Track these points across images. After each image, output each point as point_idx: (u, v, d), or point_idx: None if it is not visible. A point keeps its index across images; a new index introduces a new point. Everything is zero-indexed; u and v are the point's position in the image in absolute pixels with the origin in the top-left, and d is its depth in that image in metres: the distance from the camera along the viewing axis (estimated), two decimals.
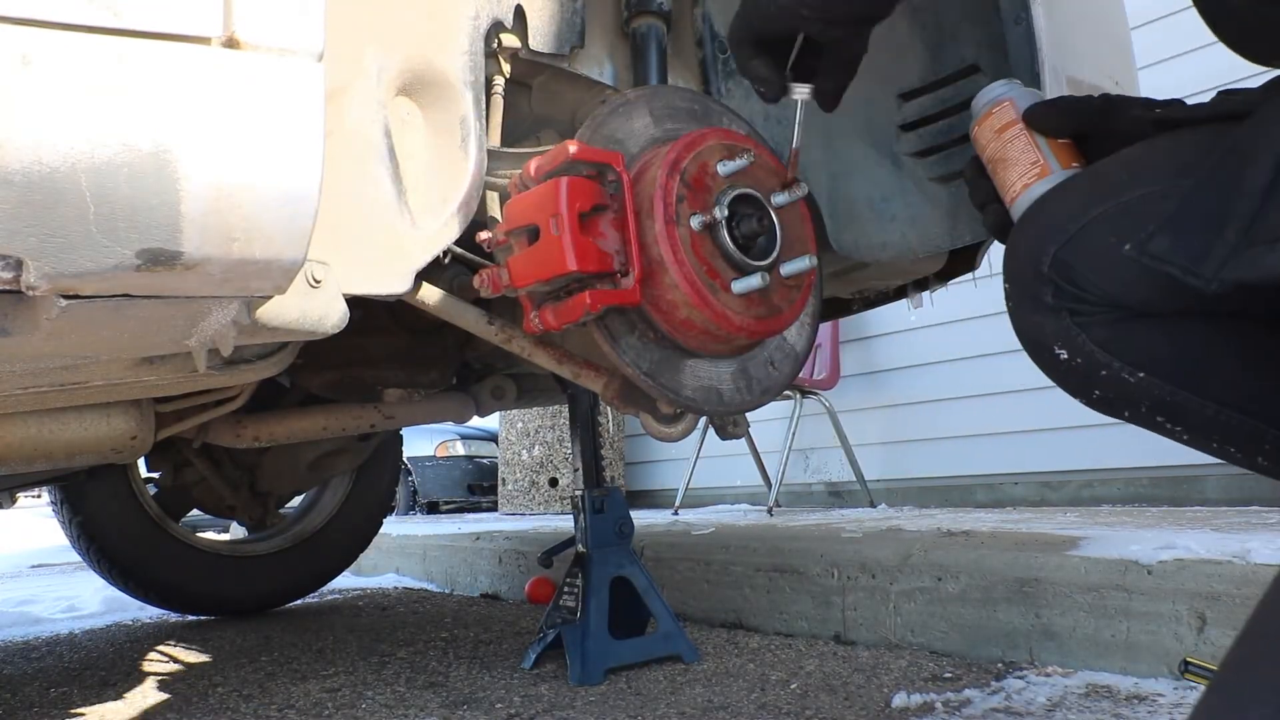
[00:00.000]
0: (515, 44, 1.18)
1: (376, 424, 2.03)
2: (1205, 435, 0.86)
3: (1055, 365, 0.86)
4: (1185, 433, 0.86)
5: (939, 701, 1.46)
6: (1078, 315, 0.83)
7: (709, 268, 1.04)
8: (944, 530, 2.26)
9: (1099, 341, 0.83)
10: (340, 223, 0.98)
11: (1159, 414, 0.85)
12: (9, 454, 1.41)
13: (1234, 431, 0.84)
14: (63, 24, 0.67)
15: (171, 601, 2.67)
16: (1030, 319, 0.86)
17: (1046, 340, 0.85)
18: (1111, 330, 0.83)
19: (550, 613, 1.87)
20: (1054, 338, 0.85)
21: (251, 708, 1.65)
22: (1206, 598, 1.50)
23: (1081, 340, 0.83)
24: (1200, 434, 0.86)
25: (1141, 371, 0.83)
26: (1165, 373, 0.83)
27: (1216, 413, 0.83)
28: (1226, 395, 0.82)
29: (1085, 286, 0.81)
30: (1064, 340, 0.84)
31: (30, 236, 0.69)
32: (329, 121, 0.84)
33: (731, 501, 4.97)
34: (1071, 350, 0.84)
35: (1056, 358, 0.85)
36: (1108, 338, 0.83)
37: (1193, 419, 0.85)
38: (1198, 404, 0.83)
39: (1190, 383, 0.83)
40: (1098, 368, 0.84)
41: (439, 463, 8.15)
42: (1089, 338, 0.83)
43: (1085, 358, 0.84)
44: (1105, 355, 0.83)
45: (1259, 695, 0.47)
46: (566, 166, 1.01)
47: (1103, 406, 0.88)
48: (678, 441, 1.29)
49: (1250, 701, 0.47)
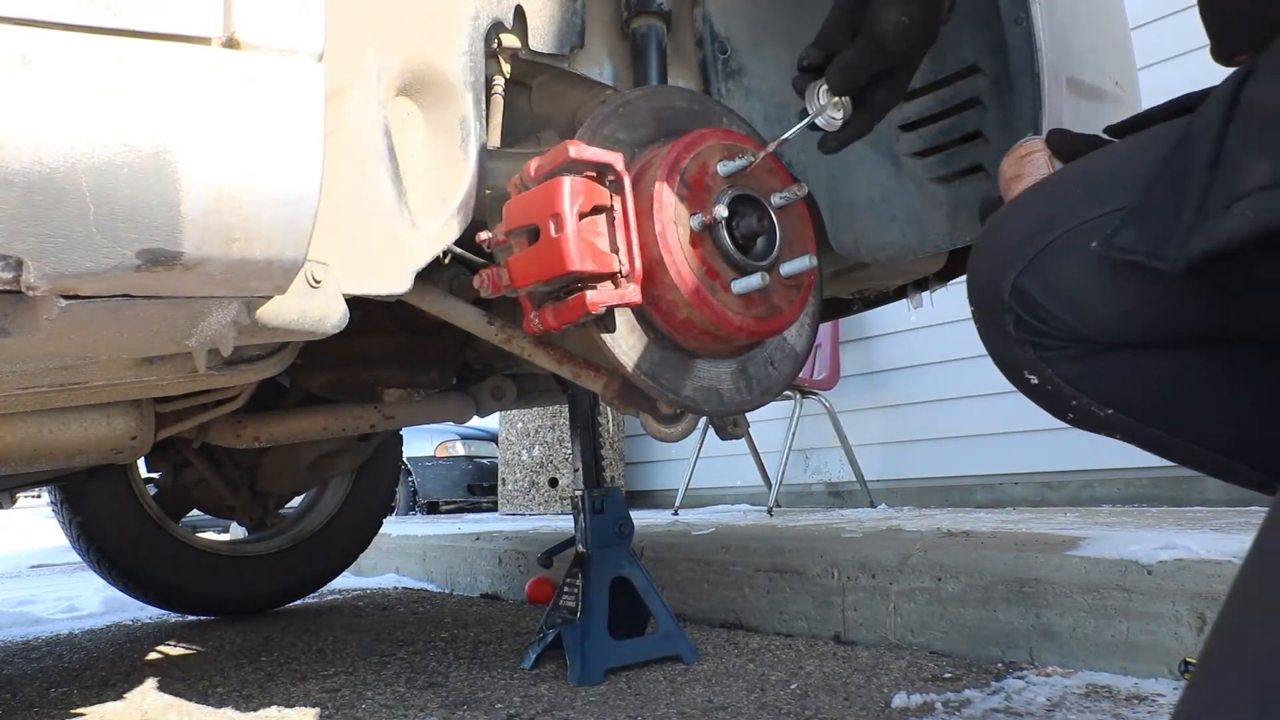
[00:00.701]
0: (515, 44, 1.18)
1: (376, 424, 2.03)
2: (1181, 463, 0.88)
3: (1028, 389, 0.87)
4: (1162, 455, 0.88)
5: (939, 702, 1.46)
6: (1042, 350, 0.83)
7: (709, 268, 1.04)
8: (944, 530, 2.26)
9: (1066, 379, 0.83)
10: (340, 223, 0.98)
11: (1134, 441, 0.87)
12: (9, 454, 1.41)
13: (1205, 463, 0.86)
14: (63, 24, 0.67)
15: (171, 602, 2.67)
16: (999, 344, 0.86)
17: (1017, 365, 0.86)
18: (1077, 367, 0.82)
19: (550, 613, 1.87)
20: (1023, 364, 0.85)
21: (251, 708, 1.65)
22: (1206, 598, 1.50)
23: (1049, 374, 0.84)
24: (1177, 458, 0.88)
25: (1109, 409, 0.83)
26: (1133, 410, 0.84)
27: (1186, 447, 0.85)
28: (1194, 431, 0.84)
29: (1046, 320, 0.81)
30: (1032, 368, 0.84)
31: (30, 237, 0.69)
32: (329, 122, 0.84)
33: (731, 502, 4.97)
34: (1041, 379, 0.84)
35: (1028, 382, 0.86)
36: (1074, 375, 0.83)
37: (1167, 450, 0.87)
38: (1168, 439, 0.85)
39: (1158, 419, 0.84)
40: (1067, 399, 0.85)
41: (439, 463, 8.15)
42: (1056, 373, 0.83)
43: (1054, 388, 0.84)
44: (1072, 389, 0.83)
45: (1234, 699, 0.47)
46: (566, 166, 1.01)
47: (1079, 426, 0.89)
48: (678, 441, 1.29)
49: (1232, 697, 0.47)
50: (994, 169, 1.48)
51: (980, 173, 1.43)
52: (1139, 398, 0.83)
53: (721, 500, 5.04)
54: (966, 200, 1.44)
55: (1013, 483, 4.00)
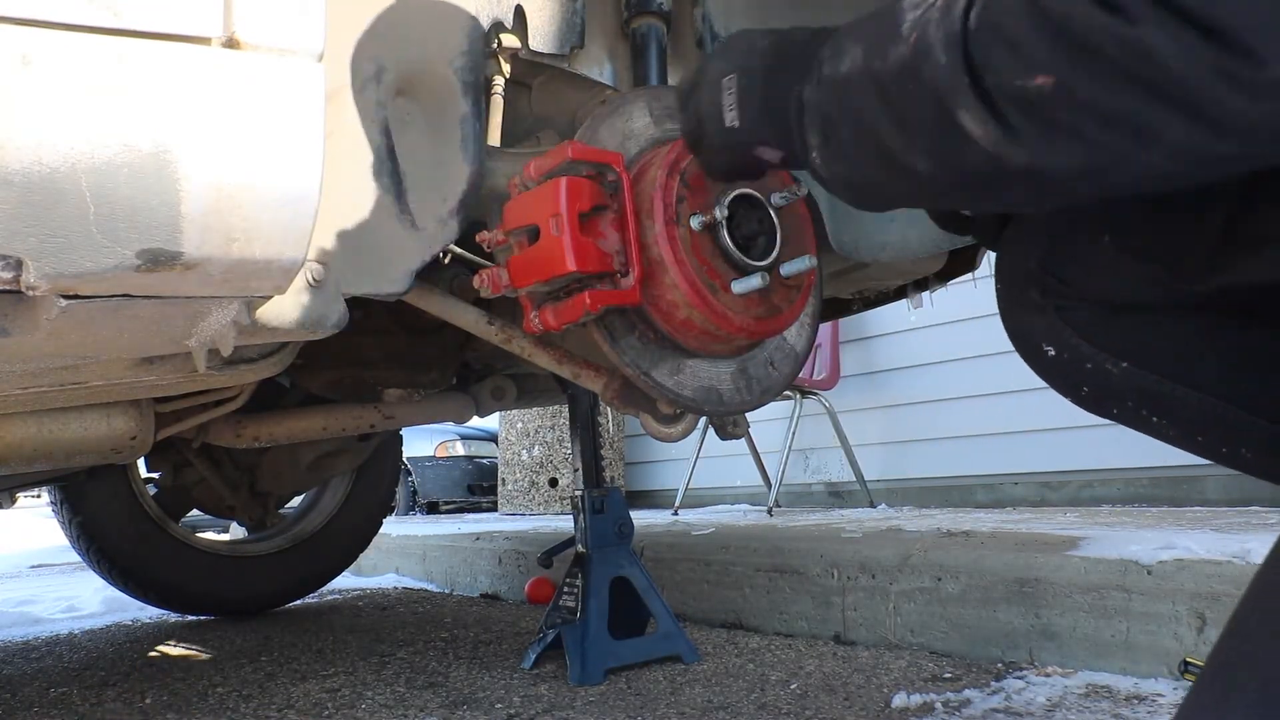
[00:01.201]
0: (515, 44, 1.18)
1: (376, 424, 2.03)
2: (1191, 428, 0.86)
3: (1043, 363, 0.87)
4: (1171, 427, 0.86)
5: (939, 702, 1.46)
6: (1063, 310, 0.83)
7: (709, 268, 1.03)
8: (944, 530, 2.26)
9: (1084, 332, 0.83)
10: (340, 223, 0.98)
11: (1145, 407, 0.85)
12: (9, 454, 1.41)
13: (1218, 422, 0.84)
14: (63, 24, 0.67)
15: (171, 602, 2.67)
16: (1020, 318, 0.87)
17: (1035, 339, 0.86)
18: (1099, 323, 0.83)
19: (550, 613, 1.87)
20: (1042, 335, 0.85)
21: (251, 708, 1.65)
22: (1206, 598, 1.50)
23: (1067, 334, 0.84)
24: (1186, 427, 0.86)
25: (1125, 361, 0.83)
26: (1150, 361, 0.83)
27: (1200, 402, 0.83)
28: (1212, 383, 0.82)
29: (1072, 282, 0.82)
30: (1051, 337, 0.85)
31: (30, 236, 0.69)
32: (329, 122, 0.84)
33: (731, 502, 4.97)
34: (1059, 346, 0.85)
35: (1045, 354, 0.86)
36: (1094, 330, 0.83)
37: (1178, 410, 0.85)
38: (1183, 393, 0.83)
39: (1175, 371, 0.83)
40: (1083, 360, 0.84)
41: (439, 463, 8.14)
42: (1074, 329, 0.83)
43: (1071, 351, 0.84)
44: (1090, 348, 0.83)
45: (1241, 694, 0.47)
46: (566, 167, 1.01)
47: (1091, 404, 0.88)
48: (678, 442, 1.29)
49: (1231, 701, 0.47)
50: None
51: None
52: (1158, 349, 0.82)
53: (721, 500, 5.03)
54: None
55: (1013, 483, 4.00)
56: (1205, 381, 0.82)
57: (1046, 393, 0.94)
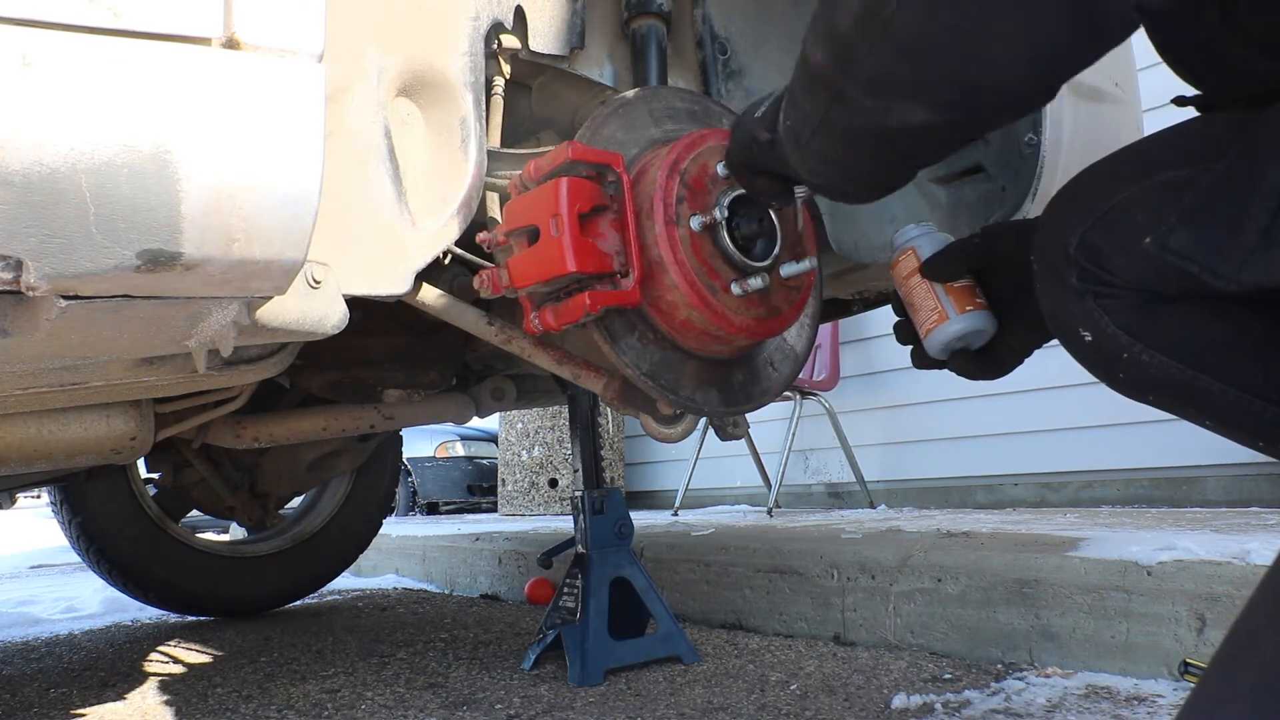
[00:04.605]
0: (515, 45, 1.18)
1: (376, 425, 2.03)
2: (1227, 421, 0.86)
3: (1080, 347, 0.87)
4: (1208, 419, 0.86)
5: (939, 703, 1.46)
6: (1102, 298, 0.83)
7: (709, 269, 1.04)
8: (944, 531, 2.26)
9: (1123, 324, 0.83)
10: (340, 223, 0.98)
11: (1181, 398, 0.86)
12: (9, 454, 1.41)
13: (1256, 417, 0.84)
14: (63, 24, 0.67)
15: (171, 602, 2.67)
16: (1056, 299, 0.87)
17: (1072, 322, 0.86)
18: (1136, 313, 0.83)
19: (550, 613, 1.87)
20: (1078, 320, 0.85)
21: (251, 708, 1.65)
22: (1206, 599, 1.50)
23: (1105, 323, 0.84)
24: (1222, 419, 0.86)
25: (1163, 354, 0.83)
26: (1187, 356, 0.83)
27: (1237, 399, 0.83)
28: (1248, 381, 0.82)
29: (1111, 269, 0.82)
30: (1088, 323, 0.85)
31: (30, 237, 0.69)
32: (329, 122, 0.84)
33: (731, 502, 4.97)
34: (1095, 333, 0.85)
35: (1081, 339, 0.86)
36: (1132, 320, 0.83)
37: (1214, 403, 0.85)
38: (1219, 389, 0.83)
39: (1212, 367, 0.83)
40: (1119, 350, 0.84)
41: (439, 463, 8.14)
42: (1112, 320, 0.84)
43: (1108, 341, 0.84)
44: (1128, 338, 0.84)
45: (1235, 696, 0.47)
46: (566, 167, 1.01)
47: (1127, 389, 0.88)
48: (677, 442, 1.29)
49: (1227, 703, 0.47)
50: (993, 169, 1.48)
51: (980, 173, 1.43)
52: (1195, 344, 0.82)
53: (721, 501, 5.03)
54: (966, 201, 1.44)
55: (1013, 483, 4.00)
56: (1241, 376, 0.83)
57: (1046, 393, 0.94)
